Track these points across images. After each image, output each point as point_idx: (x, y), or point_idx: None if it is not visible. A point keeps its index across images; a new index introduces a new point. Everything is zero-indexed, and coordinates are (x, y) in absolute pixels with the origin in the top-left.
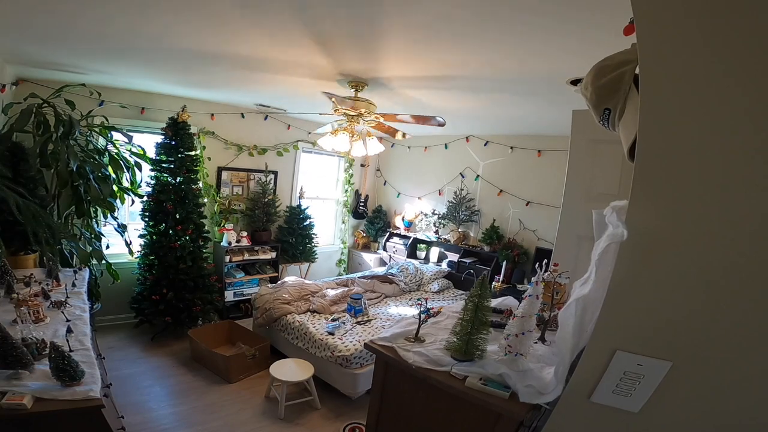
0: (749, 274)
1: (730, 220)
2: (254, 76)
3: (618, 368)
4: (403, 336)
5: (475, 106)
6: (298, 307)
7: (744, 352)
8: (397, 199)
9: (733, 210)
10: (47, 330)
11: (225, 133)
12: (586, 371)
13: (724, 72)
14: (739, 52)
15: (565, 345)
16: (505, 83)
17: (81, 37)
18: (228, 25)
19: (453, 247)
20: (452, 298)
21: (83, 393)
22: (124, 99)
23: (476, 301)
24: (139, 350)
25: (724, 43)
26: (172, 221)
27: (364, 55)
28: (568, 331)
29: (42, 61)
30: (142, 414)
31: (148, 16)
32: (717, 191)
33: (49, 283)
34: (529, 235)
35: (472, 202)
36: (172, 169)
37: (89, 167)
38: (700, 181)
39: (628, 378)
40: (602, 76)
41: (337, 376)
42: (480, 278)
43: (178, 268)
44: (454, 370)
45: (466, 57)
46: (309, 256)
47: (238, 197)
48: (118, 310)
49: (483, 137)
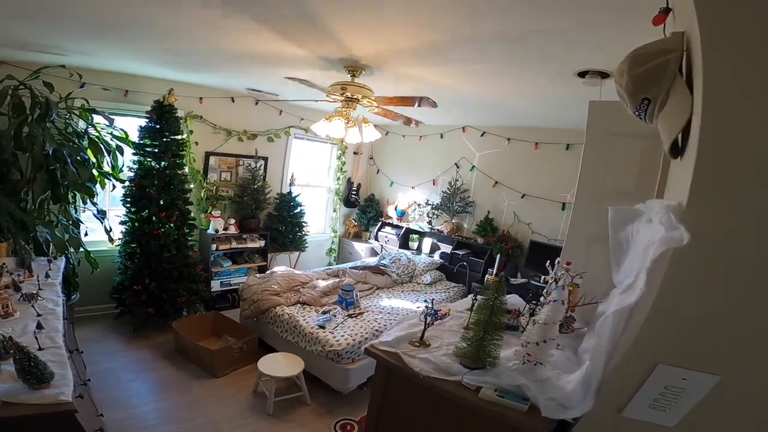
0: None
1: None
2: (246, 67)
3: (658, 382)
4: (406, 340)
5: (475, 89)
6: (288, 298)
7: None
8: (390, 188)
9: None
10: (16, 325)
11: (214, 117)
12: (619, 384)
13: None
14: None
15: (600, 358)
16: (510, 58)
17: (57, 12)
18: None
19: (446, 239)
20: (444, 290)
21: (53, 396)
22: (107, 81)
23: (491, 303)
24: (120, 343)
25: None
26: (156, 207)
27: (362, 32)
28: (604, 344)
29: (19, 41)
30: (124, 410)
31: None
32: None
33: (21, 273)
34: (524, 228)
35: (466, 193)
36: (156, 153)
37: (67, 150)
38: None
39: (668, 392)
40: (640, 65)
41: (328, 370)
42: (497, 277)
43: (162, 256)
44: (465, 380)
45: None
46: (299, 245)
47: (226, 183)
48: (98, 300)
49: (480, 128)
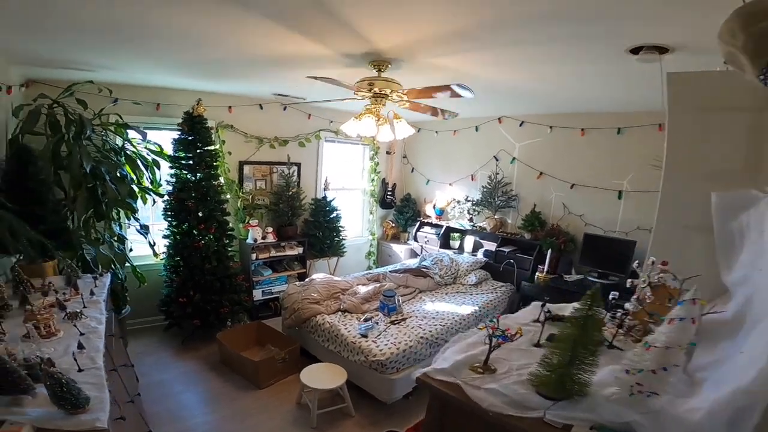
0: None
1: None
2: (270, 71)
3: None
4: (466, 364)
5: (512, 76)
6: (328, 306)
7: None
8: (427, 187)
9: None
10: (59, 345)
11: (244, 125)
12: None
13: None
14: None
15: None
16: (552, 39)
17: (78, 28)
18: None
19: (489, 236)
20: (491, 290)
21: (89, 422)
22: (137, 96)
23: (584, 321)
24: (170, 354)
25: None
26: (195, 220)
27: (384, 22)
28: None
29: (46, 59)
30: (173, 424)
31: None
32: None
33: (67, 291)
34: (576, 220)
35: (508, 186)
36: (191, 165)
37: (105, 167)
38: None
39: None
40: (758, 21)
41: (372, 381)
42: (591, 291)
43: (204, 268)
44: (549, 416)
45: None
46: (337, 250)
47: (262, 192)
48: (148, 312)
49: (517, 117)
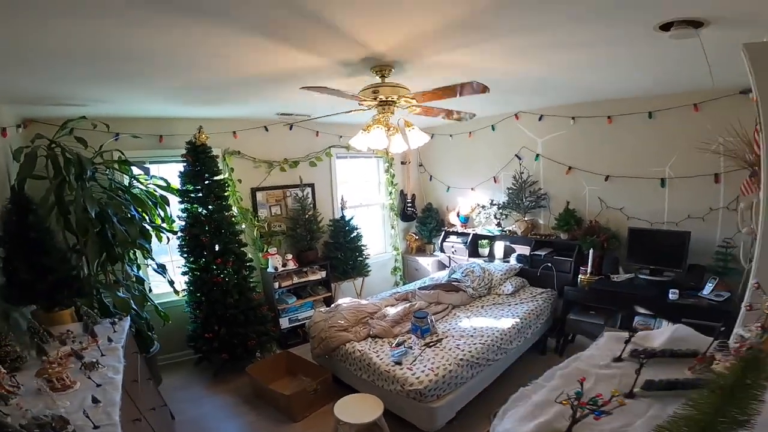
0: None
1: None
2: (268, 90)
3: None
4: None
5: (524, 68)
6: (357, 333)
7: None
8: (448, 194)
9: None
10: (75, 398)
11: (251, 150)
12: None
13: None
14: None
15: None
16: (569, 19)
17: (56, 57)
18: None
19: (521, 239)
20: (531, 298)
21: None
22: (138, 128)
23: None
24: (203, 388)
25: None
26: (211, 255)
27: (376, 20)
28: None
29: (32, 95)
30: None
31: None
32: None
33: (84, 340)
34: (616, 214)
35: (536, 185)
36: (200, 198)
37: (111, 209)
38: None
39: None
40: None
41: (411, 409)
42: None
43: (226, 302)
44: None
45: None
46: (361, 270)
47: (278, 218)
48: (178, 347)
49: (535, 111)
